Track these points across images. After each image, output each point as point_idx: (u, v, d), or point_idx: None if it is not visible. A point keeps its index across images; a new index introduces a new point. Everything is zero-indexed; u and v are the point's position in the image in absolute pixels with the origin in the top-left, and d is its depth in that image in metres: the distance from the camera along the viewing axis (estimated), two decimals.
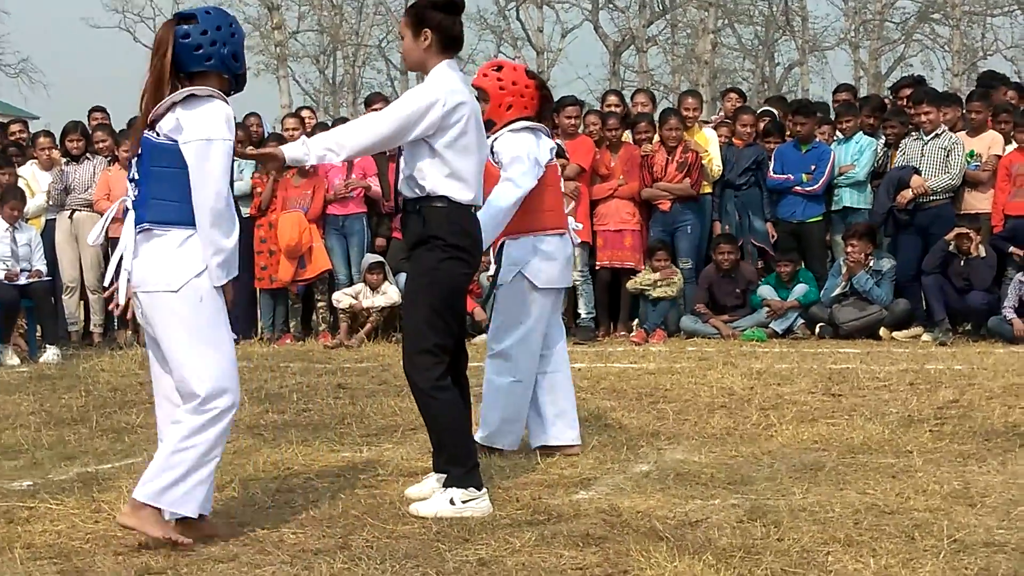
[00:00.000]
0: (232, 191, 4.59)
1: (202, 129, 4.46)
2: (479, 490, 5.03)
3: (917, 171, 11.00)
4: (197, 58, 4.56)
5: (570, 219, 6.26)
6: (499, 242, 6.01)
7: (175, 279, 4.46)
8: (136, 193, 4.57)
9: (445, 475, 5.10)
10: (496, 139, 5.97)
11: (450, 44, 5.15)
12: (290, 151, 4.98)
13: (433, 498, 5.08)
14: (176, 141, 4.47)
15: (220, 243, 4.47)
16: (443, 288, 5.05)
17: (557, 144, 6.10)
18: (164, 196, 4.49)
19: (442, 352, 5.04)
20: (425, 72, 5.15)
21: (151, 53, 4.61)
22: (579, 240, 6.30)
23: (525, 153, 5.92)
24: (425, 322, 5.04)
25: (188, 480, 4.47)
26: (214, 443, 4.49)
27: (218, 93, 4.55)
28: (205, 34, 4.57)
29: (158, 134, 4.52)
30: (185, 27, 4.57)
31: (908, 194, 10.98)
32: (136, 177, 4.60)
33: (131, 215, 4.61)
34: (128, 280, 4.57)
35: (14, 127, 13.93)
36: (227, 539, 4.58)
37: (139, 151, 4.58)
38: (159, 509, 4.49)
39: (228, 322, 4.57)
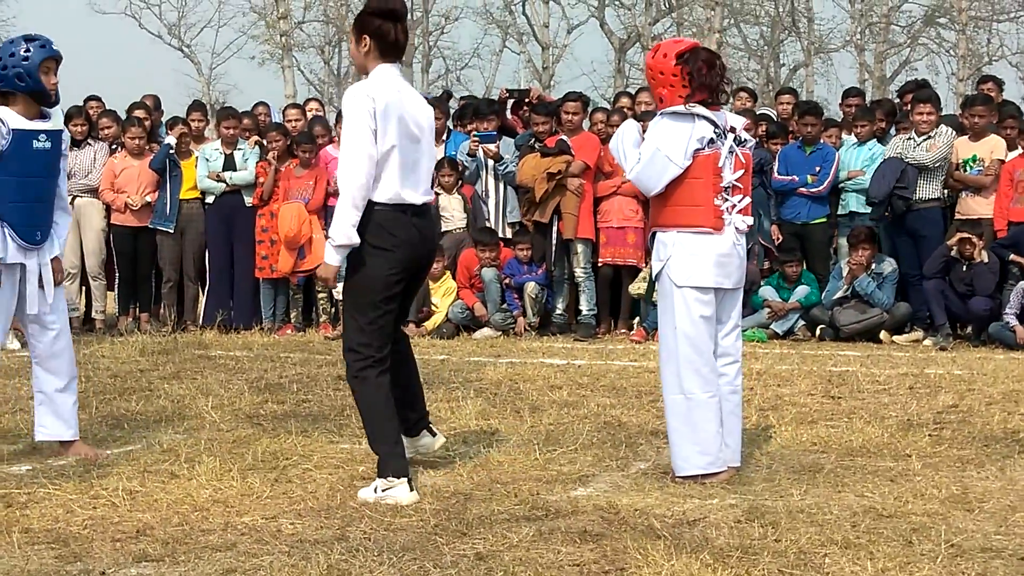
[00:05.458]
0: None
1: None
2: (398, 478, 5.08)
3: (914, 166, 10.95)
4: None
5: (738, 216, 5.68)
6: (652, 232, 5.69)
7: None
8: None
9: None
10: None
11: (388, 49, 5.32)
12: (329, 258, 5.18)
13: (374, 483, 5.15)
14: None
15: None
16: (364, 288, 5.23)
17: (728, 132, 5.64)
18: None
19: (363, 348, 5.23)
20: (366, 75, 5.33)
21: None
22: (743, 239, 5.89)
23: (651, 149, 5.80)
24: (350, 321, 5.30)
25: None
26: None
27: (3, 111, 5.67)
28: None
29: None
30: None
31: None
32: None
33: None
34: None
35: None
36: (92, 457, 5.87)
37: None
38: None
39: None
